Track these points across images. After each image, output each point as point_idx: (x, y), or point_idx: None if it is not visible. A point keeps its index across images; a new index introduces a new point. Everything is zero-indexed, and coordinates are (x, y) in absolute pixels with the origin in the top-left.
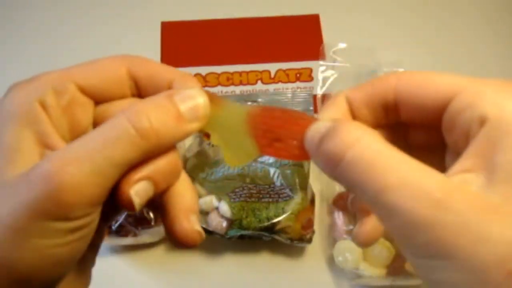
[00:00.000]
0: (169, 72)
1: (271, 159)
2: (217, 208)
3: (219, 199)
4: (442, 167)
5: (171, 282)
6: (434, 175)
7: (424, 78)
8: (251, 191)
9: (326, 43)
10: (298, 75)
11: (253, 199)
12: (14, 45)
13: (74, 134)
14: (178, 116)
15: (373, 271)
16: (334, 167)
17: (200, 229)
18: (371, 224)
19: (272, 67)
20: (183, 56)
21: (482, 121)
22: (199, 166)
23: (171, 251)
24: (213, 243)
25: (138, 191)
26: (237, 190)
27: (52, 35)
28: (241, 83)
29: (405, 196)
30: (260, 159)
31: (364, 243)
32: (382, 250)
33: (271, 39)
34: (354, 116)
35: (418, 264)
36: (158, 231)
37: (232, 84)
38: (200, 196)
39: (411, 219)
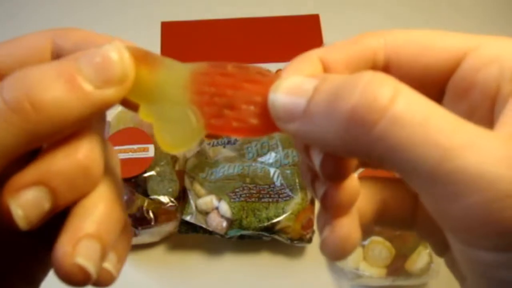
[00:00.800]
0: (99, 39)
1: (271, 159)
2: (217, 208)
3: (219, 199)
4: None
5: (171, 282)
6: (500, 134)
7: (425, 37)
8: (251, 191)
9: (326, 43)
10: None
11: (253, 199)
12: None
13: None
14: (73, 79)
15: (373, 271)
16: (370, 127)
17: (87, 265)
18: (347, 228)
19: (272, 67)
20: (183, 56)
21: None
22: (199, 166)
23: (171, 251)
24: (213, 243)
25: (23, 201)
26: (237, 190)
27: None
28: None
29: (486, 159)
30: (260, 159)
31: (335, 254)
32: (382, 250)
33: (271, 39)
34: None
35: (488, 260)
36: (158, 231)
37: None
38: (200, 196)
39: (499, 187)
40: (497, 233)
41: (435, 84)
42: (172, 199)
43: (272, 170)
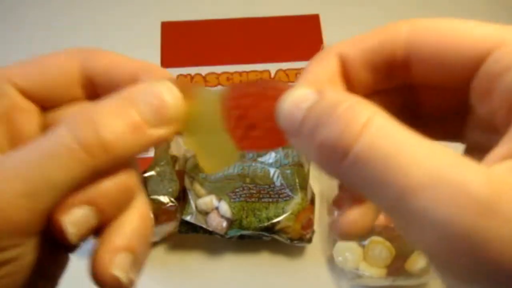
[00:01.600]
0: (131, 64)
1: (271, 159)
2: (217, 208)
3: (219, 199)
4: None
5: (171, 282)
6: (475, 168)
7: (448, 28)
8: (251, 191)
9: (326, 43)
10: (298, 75)
11: (253, 199)
12: (10, 45)
13: (14, 148)
14: (135, 122)
15: (373, 271)
16: (337, 163)
17: (122, 276)
18: (357, 214)
19: (272, 67)
20: (183, 56)
21: None
22: (199, 166)
23: (171, 251)
24: (213, 243)
25: (74, 219)
26: (237, 190)
27: (51, 35)
28: None
29: (440, 200)
30: (260, 159)
31: (346, 234)
32: (382, 250)
33: (271, 39)
34: (347, 79)
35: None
36: (158, 231)
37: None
38: (200, 196)
39: (450, 230)
40: (451, 267)
41: (459, 80)
42: (172, 199)
43: (272, 170)
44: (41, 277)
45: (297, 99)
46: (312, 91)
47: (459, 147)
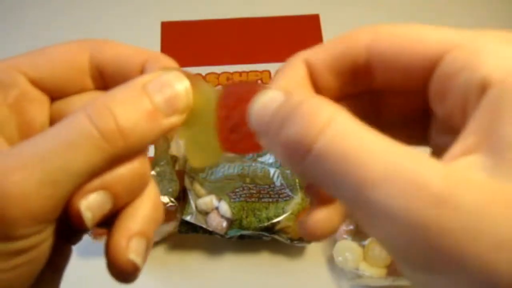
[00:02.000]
0: (139, 54)
1: (271, 159)
2: (217, 208)
3: (219, 199)
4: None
5: (171, 281)
6: (431, 164)
7: (406, 33)
8: (251, 191)
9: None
10: None
11: (253, 199)
12: (15, 44)
13: (25, 137)
14: (149, 111)
15: (373, 271)
16: (300, 159)
17: (137, 260)
18: (323, 215)
19: (272, 67)
20: (183, 56)
21: (484, 87)
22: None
23: (171, 251)
24: (213, 243)
25: (91, 204)
26: (237, 190)
27: (51, 35)
28: None
29: (395, 192)
30: (260, 159)
31: (312, 235)
32: (382, 250)
33: (271, 39)
34: (315, 84)
35: (416, 279)
36: (158, 231)
37: None
38: (200, 196)
39: (405, 221)
40: (411, 259)
41: (418, 83)
42: (172, 199)
43: (272, 170)
44: (49, 268)
45: (266, 101)
46: (280, 93)
47: (426, 150)
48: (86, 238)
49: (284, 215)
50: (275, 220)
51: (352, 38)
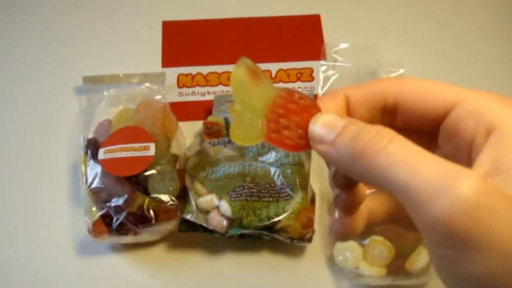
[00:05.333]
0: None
1: (271, 159)
2: (217, 207)
3: (220, 198)
4: None
5: (171, 280)
6: (467, 170)
7: (427, 87)
8: (252, 190)
9: (328, 43)
10: (299, 75)
11: (253, 198)
12: (16, 44)
13: None
14: None
15: (373, 271)
16: (371, 156)
17: None
18: (350, 219)
19: (273, 67)
20: (184, 55)
21: (490, 129)
22: (199, 165)
23: (171, 250)
24: (214, 242)
25: None
26: (237, 189)
27: (53, 34)
28: None
29: (441, 175)
30: (260, 158)
31: (337, 238)
32: (382, 249)
33: (272, 39)
34: (350, 113)
35: (444, 256)
36: (158, 230)
37: None
38: (200, 195)
39: (448, 195)
40: (446, 232)
41: (432, 124)
42: (173, 198)
43: (272, 169)
44: None
45: (328, 120)
46: (340, 117)
47: None
48: (86, 237)
49: (285, 214)
50: (275, 219)
51: (384, 84)
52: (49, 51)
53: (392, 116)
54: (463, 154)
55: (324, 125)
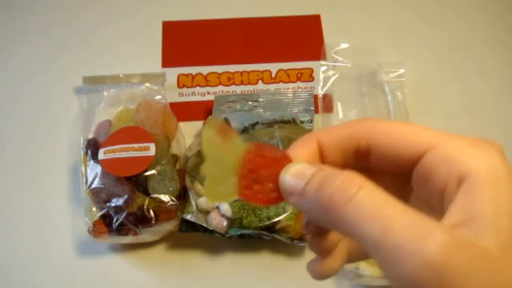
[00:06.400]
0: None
1: None
2: (217, 207)
3: None
4: None
5: (171, 280)
6: (437, 225)
7: (399, 131)
8: None
9: (327, 43)
10: (299, 75)
11: None
12: (16, 44)
13: None
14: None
15: (373, 271)
16: (340, 209)
17: None
18: (324, 265)
19: (273, 67)
20: (184, 55)
21: (462, 177)
22: (199, 165)
23: (172, 250)
24: (214, 242)
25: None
26: None
27: (53, 35)
28: (242, 83)
29: (412, 235)
30: None
31: (319, 276)
32: None
33: (272, 39)
34: (323, 158)
35: None
36: (158, 230)
37: (233, 83)
38: (200, 195)
39: (419, 257)
40: None
41: (405, 169)
42: (173, 198)
43: None
44: None
45: (298, 170)
46: (310, 165)
47: None
48: (86, 238)
49: (285, 215)
50: (275, 220)
51: (357, 127)
52: (49, 51)
53: (365, 159)
54: (437, 200)
55: (293, 175)
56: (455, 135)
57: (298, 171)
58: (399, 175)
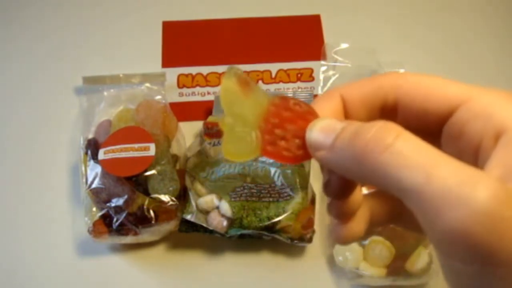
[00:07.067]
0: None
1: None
2: (217, 207)
3: (220, 198)
4: None
5: (171, 281)
6: (486, 174)
7: (429, 84)
8: (252, 190)
9: (327, 43)
10: (299, 75)
11: (253, 199)
12: (16, 44)
13: None
14: None
15: (373, 271)
16: (376, 156)
17: None
18: (352, 222)
19: (273, 67)
20: (184, 55)
21: (499, 131)
22: (199, 165)
23: (172, 250)
24: (214, 242)
25: None
26: (237, 189)
27: (53, 35)
28: None
29: (460, 182)
30: (260, 158)
31: (339, 242)
32: (382, 250)
33: (272, 39)
34: (347, 114)
35: (461, 271)
36: (158, 230)
37: None
38: (200, 195)
39: (468, 205)
40: (465, 245)
41: (435, 125)
42: (173, 198)
43: (272, 170)
44: None
45: (326, 124)
46: (338, 121)
47: None
48: (86, 238)
49: (285, 215)
50: (275, 220)
51: (383, 80)
52: (49, 51)
53: (392, 115)
54: (469, 158)
55: (321, 130)
56: (490, 89)
57: (327, 125)
58: (429, 134)
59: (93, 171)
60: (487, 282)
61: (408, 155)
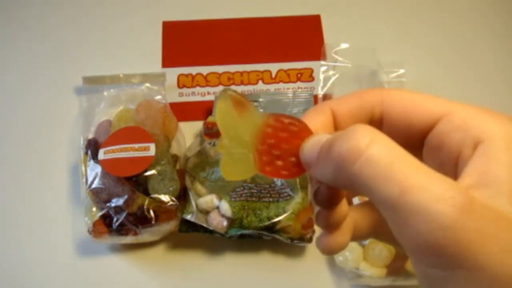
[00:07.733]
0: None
1: None
2: (217, 207)
3: (220, 199)
4: None
5: (171, 281)
6: (456, 186)
7: (413, 99)
8: (252, 190)
9: (328, 43)
10: (299, 75)
11: (253, 199)
12: (16, 44)
13: None
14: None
15: (373, 271)
16: (350, 166)
17: None
18: (333, 238)
19: (273, 67)
20: (184, 56)
21: (477, 141)
22: (200, 165)
23: (172, 250)
24: (214, 242)
25: None
26: (237, 189)
27: (53, 35)
28: (242, 83)
29: (430, 197)
30: None
31: (324, 253)
32: (382, 250)
33: (272, 39)
34: (338, 127)
35: (432, 275)
36: (158, 230)
37: (233, 84)
38: (200, 195)
39: (437, 220)
40: (435, 254)
41: (417, 137)
42: (173, 198)
43: None
44: None
45: (316, 139)
46: (325, 134)
47: None
48: (86, 238)
49: (285, 215)
50: (275, 220)
51: (369, 96)
52: (50, 51)
53: (379, 128)
54: (448, 169)
55: (311, 146)
56: (469, 104)
57: (315, 140)
58: (412, 147)
59: (93, 171)
60: (453, 286)
61: (383, 164)
